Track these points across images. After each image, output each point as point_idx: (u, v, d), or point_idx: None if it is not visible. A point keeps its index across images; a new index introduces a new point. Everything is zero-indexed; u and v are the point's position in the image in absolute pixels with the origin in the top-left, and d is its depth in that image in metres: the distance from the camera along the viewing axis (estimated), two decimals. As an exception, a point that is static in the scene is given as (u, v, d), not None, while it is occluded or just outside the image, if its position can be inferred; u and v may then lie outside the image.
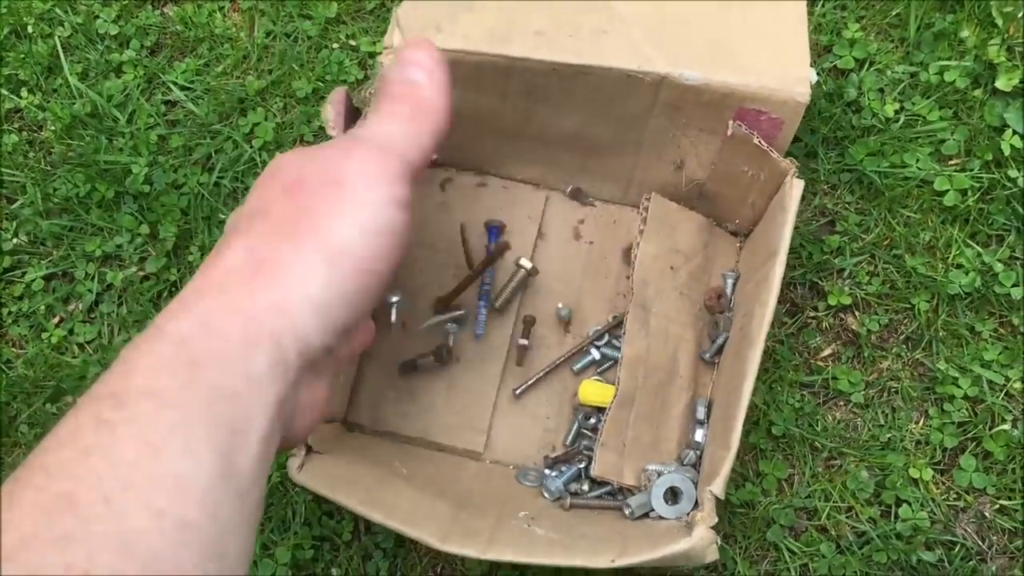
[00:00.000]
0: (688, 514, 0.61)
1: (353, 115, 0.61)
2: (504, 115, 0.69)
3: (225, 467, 0.34)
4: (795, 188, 0.58)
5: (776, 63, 0.60)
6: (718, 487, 0.53)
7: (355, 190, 0.42)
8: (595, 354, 0.73)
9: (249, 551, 0.36)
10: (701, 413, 0.69)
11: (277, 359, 0.38)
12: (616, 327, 0.74)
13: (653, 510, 0.64)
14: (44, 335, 0.82)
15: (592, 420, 0.71)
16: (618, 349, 0.70)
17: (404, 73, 0.48)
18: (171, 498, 0.32)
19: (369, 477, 0.58)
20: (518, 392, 0.73)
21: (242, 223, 0.42)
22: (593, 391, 0.71)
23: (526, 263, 0.72)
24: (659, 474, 0.65)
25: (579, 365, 0.74)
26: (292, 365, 0.38)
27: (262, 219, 0.42)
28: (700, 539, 0.52)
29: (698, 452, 0.67)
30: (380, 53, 0.64)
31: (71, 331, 0.82)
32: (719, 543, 0.53)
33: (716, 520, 0.52)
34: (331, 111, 0.60)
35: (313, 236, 0.40)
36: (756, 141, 0.61)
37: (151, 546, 0.31)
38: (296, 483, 0.54)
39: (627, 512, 0.64)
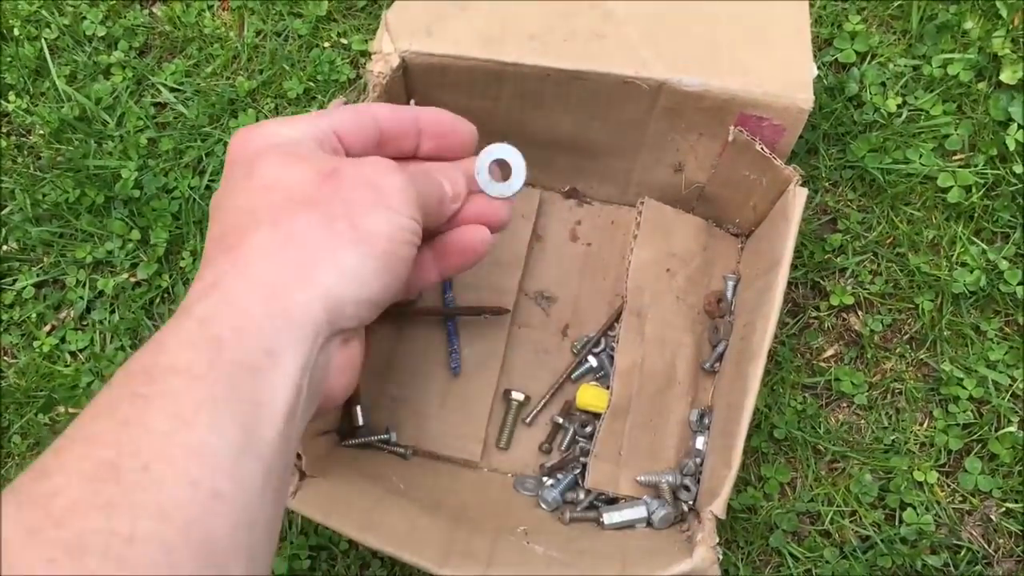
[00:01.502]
0: (687, 528, 0.60)
1: None
2: (496, 118, 0.67)
3: (250, 440, 0.36)
4: (798, 197, 0.57)
5: (778, 67, 0.59)
6: (719, 507, 0.52)
7: (391, 200, 0.43)
8: (592, 361, 0.72)
9: (278, 520, 0.38)
10: (702, 420, 0.68)
11: (301, 334, 0.39)
12: (610, 328, 0.72)
13: (634, 527, 0.63)
14: (36, 344, 0.80)
15: (588, 428, 0.70)
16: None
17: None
18: (203, 469, 0.34)
19: (365, 497, 0.57)
20: (527, 420, 0.71)
21: (275, 204, 0.42)
22: (590, 396, 0.70)
23: (518, 395, 0.71)
24: (656, 482, 0.65)
25: (576, 373, 0.72)
26: (320, 333, 0.40)
27: (300, 202, 0.42)
28: (702, 559, 0.51)
29: (698, 460, 0.66)
30: (372, 53, 0.62)
31: (63, 339, 0.81)
32: (720, 558, 0.52)
33: (717, 540, 0.51)
34: None
35: (348, 222, 0.41)
36: (758, 147, 0.60)
37: (188, 514, 0.33)
38: (291, 509, 0.53)
39: (603, 521, 0.63)
